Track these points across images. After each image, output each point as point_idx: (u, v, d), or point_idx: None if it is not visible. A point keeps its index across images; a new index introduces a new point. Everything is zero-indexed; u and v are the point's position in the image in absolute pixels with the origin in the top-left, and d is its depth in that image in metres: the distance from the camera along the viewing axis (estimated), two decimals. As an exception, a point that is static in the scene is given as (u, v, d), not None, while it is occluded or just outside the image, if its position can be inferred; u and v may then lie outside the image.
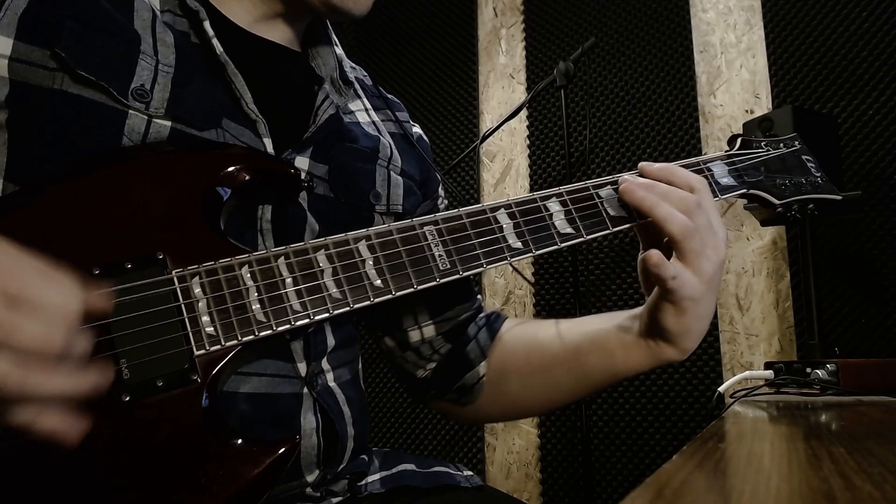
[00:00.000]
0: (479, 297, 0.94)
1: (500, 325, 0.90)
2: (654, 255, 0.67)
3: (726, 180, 0.81)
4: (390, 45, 2.82)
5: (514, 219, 0.69)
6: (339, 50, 0.88)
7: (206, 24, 0.71)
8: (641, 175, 0.74)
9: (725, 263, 2.13)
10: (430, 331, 0.88)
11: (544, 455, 2.37)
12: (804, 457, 0.49)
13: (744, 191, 0.82)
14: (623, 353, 0.78)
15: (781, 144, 0.87)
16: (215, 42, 0.71)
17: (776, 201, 0.83)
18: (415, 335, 0.88)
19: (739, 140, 0.86)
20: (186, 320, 0.56)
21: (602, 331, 0.80)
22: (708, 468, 0.44)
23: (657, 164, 0.75)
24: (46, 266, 0.48)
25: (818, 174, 0.87)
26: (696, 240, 0.69)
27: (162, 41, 0.68)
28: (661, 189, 0.71)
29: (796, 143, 0.89)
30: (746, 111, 2.19)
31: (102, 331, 0.53)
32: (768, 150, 0.86)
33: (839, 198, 0.87)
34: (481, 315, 0.91)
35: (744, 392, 1.23)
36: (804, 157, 0.88)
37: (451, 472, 0.81)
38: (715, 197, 0.78)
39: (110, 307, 0.53)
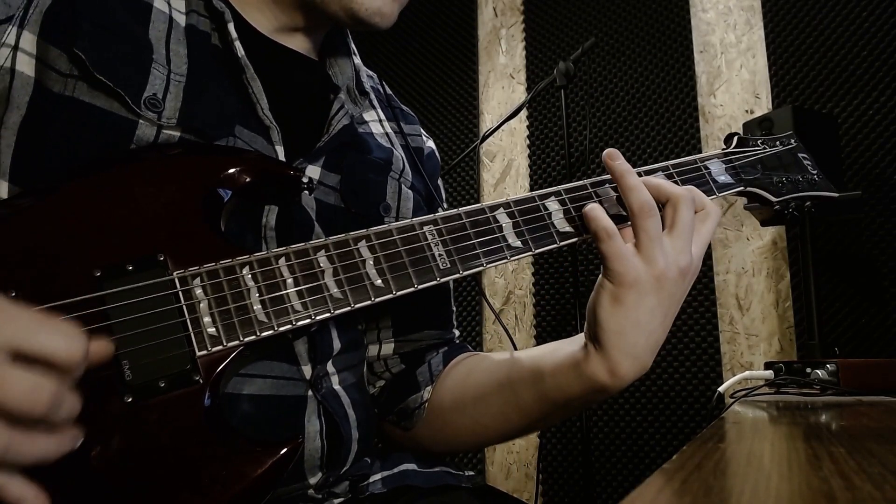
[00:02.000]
0: (455, 331, 0.91)
1: (458, 353, 0.87)
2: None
3: (723, 178, 0.81)
4: (390, 45, 2.82)
5: (513, 218, 0.69)
6: (357, 59, 0.88)
7: (231, 27, 0.71)
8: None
9: (726, 267, 2.14)
10: (388, 348, 0.86)
11: (544, 455, 2.37)
12: (804, 457, 0.49)
13: (741, 188, 0.82)
14: (552, 373, 0.70)
15: (777, 142, 0.88)
16: (237, 45, 0.71)
17: (773, 198, 0.83)
18: (372, 350, 0.86)
19: (736, 138, 0.86)
20: (188, 321, 0.56)
21: (539, 354, 0.74)
22: (708, 468, 0.44)
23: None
24: (44, 315, 0.46)
25: (814, 171, 0.88)
26: (654, 222, 0.63)
27: (175, 52, 0.68)
28: (665, 184, 0.68)
29: (792, 140, 0.89)
30: (746, 111, 2.19)
31: (104, 332, 0.53)
32: (765, 148, 0.86)
33: (836, 195, 0.88)
34: (447, 343, 0.89)
35: (744, 392, 1.24)
36: (800, 154, 0.88)
37: (452, 472, 0.81)
38: (712, 195, 0.78)
39: (111, 352, 0.52)
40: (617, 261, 0.63)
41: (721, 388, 1.52)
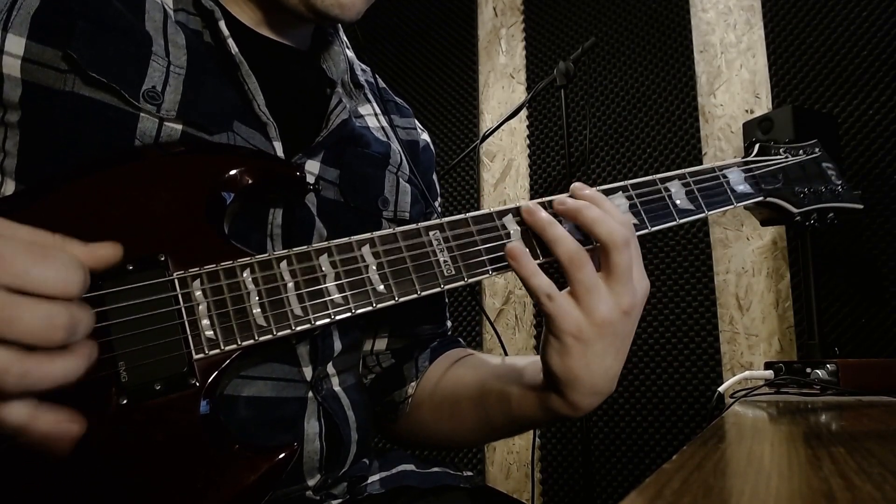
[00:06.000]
0: (448, 323, 0.92)
1: (445, 349, 0.87)
2: (514, 246, 0.62)
3: (742, 187, 0.77)
4: (391, 44, 2.82)
5: (521, 225, 0.67)
6: (350, 52, 0.87)
7: (222, 24, 0.71)
8: (572, 195, 0.67)
9: (726, 267, 2.14)
10: (382, 343, 0.86)
11: (544, 455, 2.37)
12: (804, 457, 0.49)
13: (761, 198, 0.78)
14: (518, 397, 0.71)
15: (801, 151, 0.84)
16: (230, 42, 0.70)
17: (794, 210, 0.80)
18: (366, 345, 0.86)
19: (757, 146, 0.83)
20: (186, 323, 0.55)
21: (510, 371, 0.74)
22: (708, 468, 0.44)
23: (588, 189, 0.67)
24: (42, 238, 0.46)
25: (839, 182, 0.84)
26: (587, 272, 0.60)
27: (173, 42, 0.67)
28: (592, 213, 0.63)
29: (816, 149, 0.85)
30: (746, 111, 2.19)
31: (101, 332, 0.53)
32: (787, 157, 0.83)
33: (860, 206, 0.84)
34: (438, 338, 0.89)
35: (744, 392, 1.23)
36: (824, 164, 0.85)
37: (451, 472, 0.81)
38: (730, 205, 0.75)
39: (117, 256, 0.52)
40: (559, 319, 0.61)
41: (721, 388, 1.52)
